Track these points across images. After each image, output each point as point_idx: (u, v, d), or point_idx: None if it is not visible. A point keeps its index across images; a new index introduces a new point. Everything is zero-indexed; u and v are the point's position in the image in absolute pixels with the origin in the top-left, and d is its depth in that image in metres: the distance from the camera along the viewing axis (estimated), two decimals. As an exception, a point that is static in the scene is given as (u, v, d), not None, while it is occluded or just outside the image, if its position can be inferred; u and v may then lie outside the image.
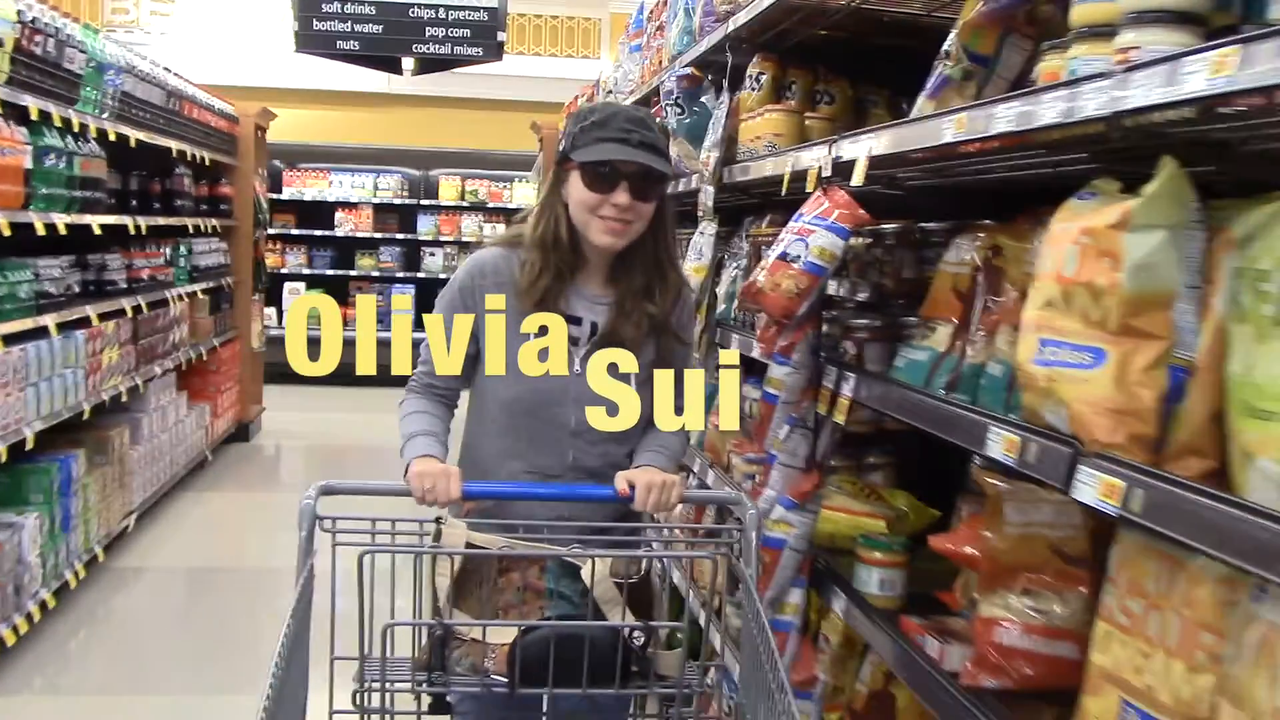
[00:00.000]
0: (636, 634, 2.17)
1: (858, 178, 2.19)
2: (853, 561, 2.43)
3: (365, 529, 2.21)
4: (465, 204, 12.46)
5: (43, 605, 4.76)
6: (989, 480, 1.97)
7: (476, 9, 9.18)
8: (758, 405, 2.57)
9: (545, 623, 2.21)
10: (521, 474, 2.37)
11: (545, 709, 2.24)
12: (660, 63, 4.60)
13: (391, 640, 2.13)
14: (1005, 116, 1.63)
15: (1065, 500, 1.89)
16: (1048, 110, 1.51)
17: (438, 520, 2.26)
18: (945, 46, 2.16)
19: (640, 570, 2.29)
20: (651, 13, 5.00)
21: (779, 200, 2.94)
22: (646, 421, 2.30)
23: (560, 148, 2.37)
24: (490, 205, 12.39)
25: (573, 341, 2.34)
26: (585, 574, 2.23)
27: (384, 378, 2.40)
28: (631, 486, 2.22)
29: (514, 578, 2.33)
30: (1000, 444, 1.64)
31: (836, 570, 2.44)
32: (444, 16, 9.12)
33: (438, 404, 2.46)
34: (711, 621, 2.55)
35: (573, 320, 2.35)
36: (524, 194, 12.12)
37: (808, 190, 2.47)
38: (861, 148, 2.22)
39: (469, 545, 2.25)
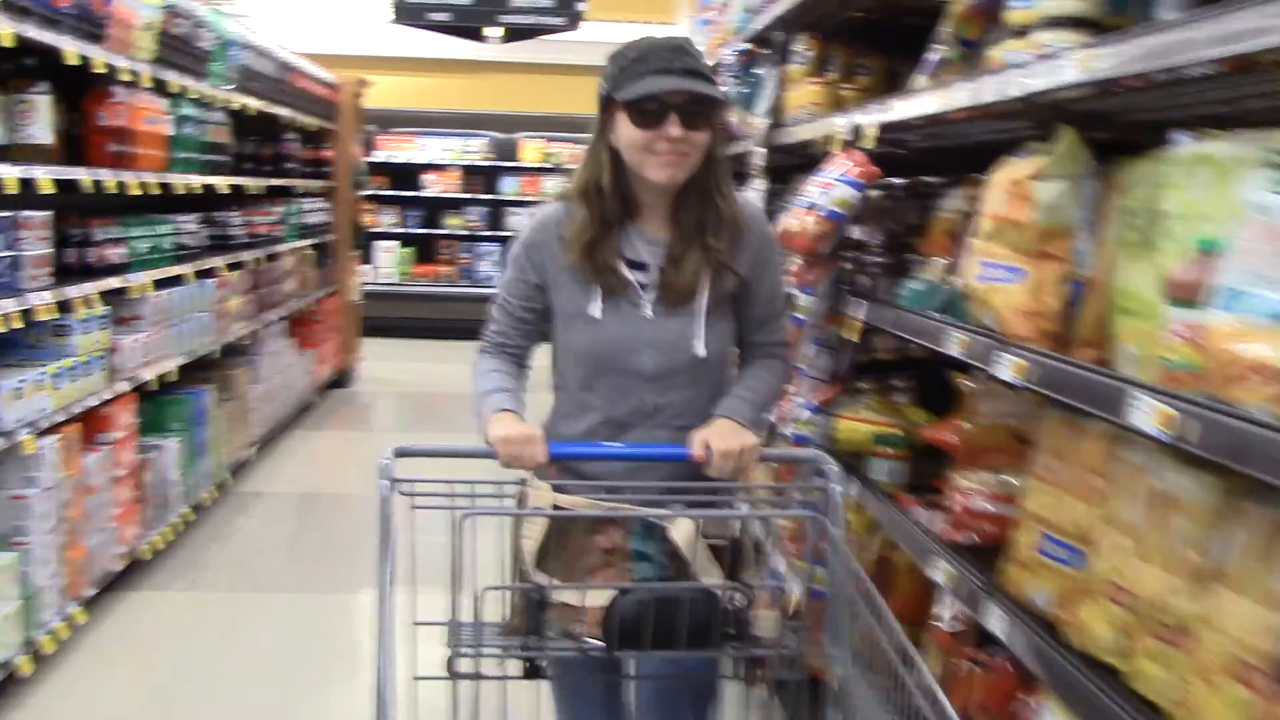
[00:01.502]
0: (735, 595, 2.11)
1: (869, 142, 2.70)
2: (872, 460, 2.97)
3: (444, 492, 2.14)
4: (547, 165, 13.03)
5: (184, 519, 5.46)
6: (964, 382, 2.48)
7: (559, -21, 9.73)
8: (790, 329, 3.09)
9: (643, 584, 2.15)
10: (598, 425, 2.37)
11: (634, 671, 2.25)
12: (725, 37, 5.09)
13: (476, 604, 2.10)
14: (963, 94, 2.14)
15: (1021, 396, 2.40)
16: (987, 90, 2.01)
17: (523, 482, 2.20)
18: (940, 33, 2.65)
19: (733, 531, 2.24)
20: (718, -11, 5.49)
21: (820, 160, 3.44)
22: (719, 360, 2.37)
23: (602, 91, 2.30)
24: (570, 167, 12.89)
25: (640, 286, 2.33)
26: (676, 534, 2.14)
27: (471, 331, 2.52)
28: (708, 450, 2.20)
29: (599, 540, 2.27)
30: (955, 344, 2.15)
31: (853, 465, 2.97)
32: (528, -12, 9.68)
33: (509, 362, 2.44)
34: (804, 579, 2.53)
35: (637, 266, 2.33)
36: (603, 156, 12.64)
37: (834, 151, 2.98)
38: (873, 117, 2.73)
39: (555, 507, 2.19)
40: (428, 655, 2.13)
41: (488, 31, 10.07)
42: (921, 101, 2.40)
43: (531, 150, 13.07)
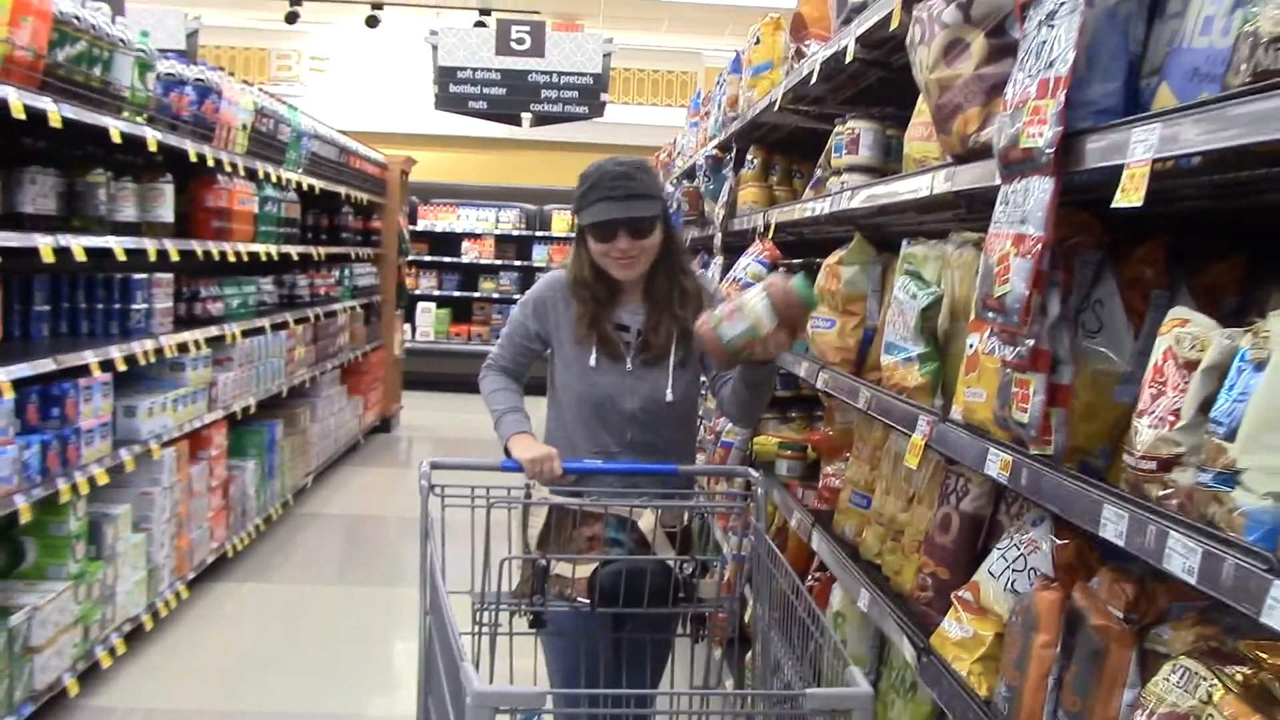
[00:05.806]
0: (685, 565, 2.69)
1: (770, 233, 3.86)
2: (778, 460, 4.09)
3: (468, 494, 2.67)
4: (574, 235, 14.20)
5: (256, 528, 6.63)
6: (826, 398, 3.61)
7: (584, 74, 11.04)
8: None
9: (619, 557, 2.70)
10: (589, 451, 2.93)
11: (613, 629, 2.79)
12: (705, 140, 6.30)
13: (499, 573, 2.60)
14: (817, 206, 3.29)
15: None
16: (821, 206, 3.17)
17: (528, 486, 2.80)
18: (820, 161, 3.82)
19: (684, 521, 2.92)
20: (704, 100, 6.71)
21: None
22: (685, 403, 2.99)
23: (573, 209, 2.97)
24: (595, 237, 14.15)
25: (625, 345, 2.94)
26: (642, 523, 2.73)
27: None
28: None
29: (584, 531, 2.80)
30: (801, 369, 3.29)
31: (768, 465, 4.09)
32: (556, 81, 10.99)
33: (513, 380, 3.05)
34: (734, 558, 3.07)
35: (623, 328, 2.94)
36: (624, 227, 13.86)
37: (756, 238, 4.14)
38: (774, 217, 3.89)
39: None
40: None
41: (522, 116, 11.36)
42: (796, 209, 3.56)
43: (560, 221, 14.30)
